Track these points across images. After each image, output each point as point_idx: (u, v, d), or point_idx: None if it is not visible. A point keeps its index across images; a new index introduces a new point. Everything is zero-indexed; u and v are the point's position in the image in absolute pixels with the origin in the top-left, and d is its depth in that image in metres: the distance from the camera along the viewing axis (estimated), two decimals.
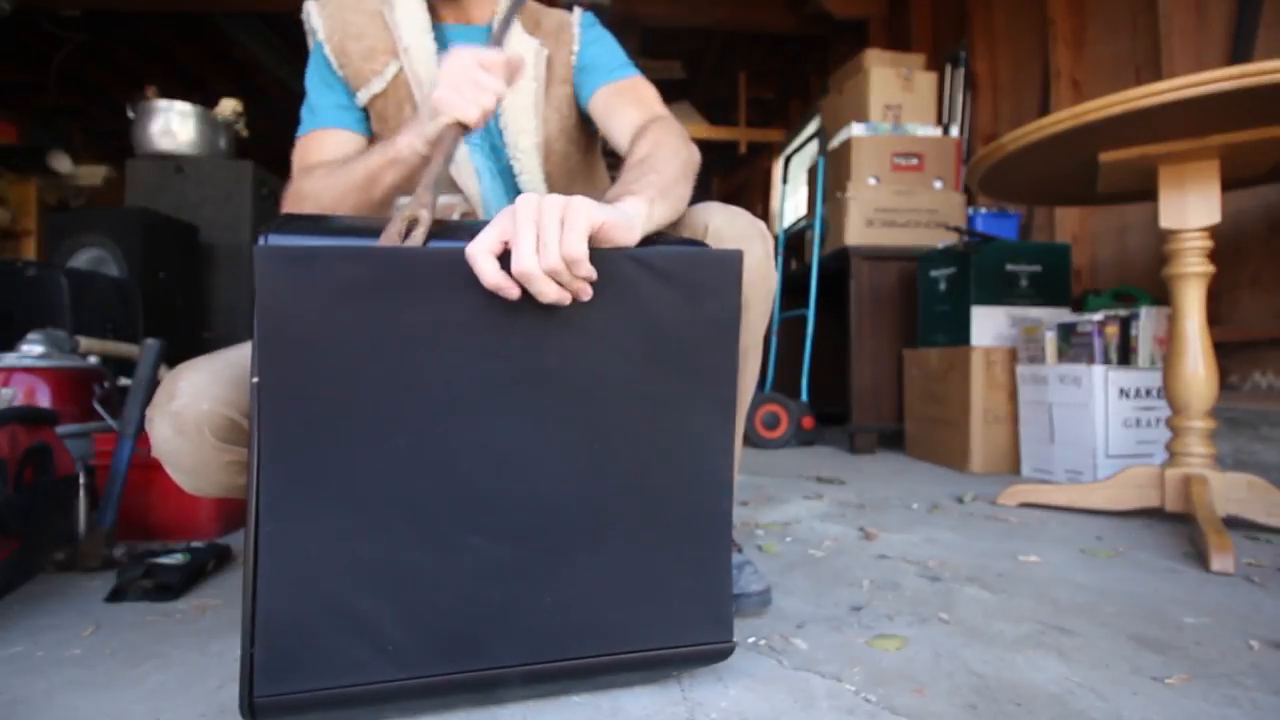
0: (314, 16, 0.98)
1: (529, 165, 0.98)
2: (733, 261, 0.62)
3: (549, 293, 0.58)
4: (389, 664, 0.58)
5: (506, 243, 0.58)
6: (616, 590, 0.64)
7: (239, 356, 0.75)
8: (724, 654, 0.70)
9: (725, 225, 0.77)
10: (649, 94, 0.99)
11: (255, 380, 0.55)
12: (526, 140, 0.98)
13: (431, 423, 0.58)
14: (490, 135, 0.99)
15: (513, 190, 1.00)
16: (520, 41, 0.98)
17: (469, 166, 0.98)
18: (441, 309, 0.58)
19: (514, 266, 0.57)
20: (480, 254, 0.57)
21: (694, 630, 0.67)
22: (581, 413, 0.62)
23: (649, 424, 0.63)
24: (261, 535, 0.55)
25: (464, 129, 0.74)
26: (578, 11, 1.04)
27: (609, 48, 1.03)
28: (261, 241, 0.55)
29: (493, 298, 0.58)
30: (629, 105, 0.96)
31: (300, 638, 0.56)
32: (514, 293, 0.58)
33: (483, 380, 0.59)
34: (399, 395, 0.58)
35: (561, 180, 1.02)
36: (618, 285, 0.60)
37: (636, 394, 0.62)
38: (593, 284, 0.59)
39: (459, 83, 0.72)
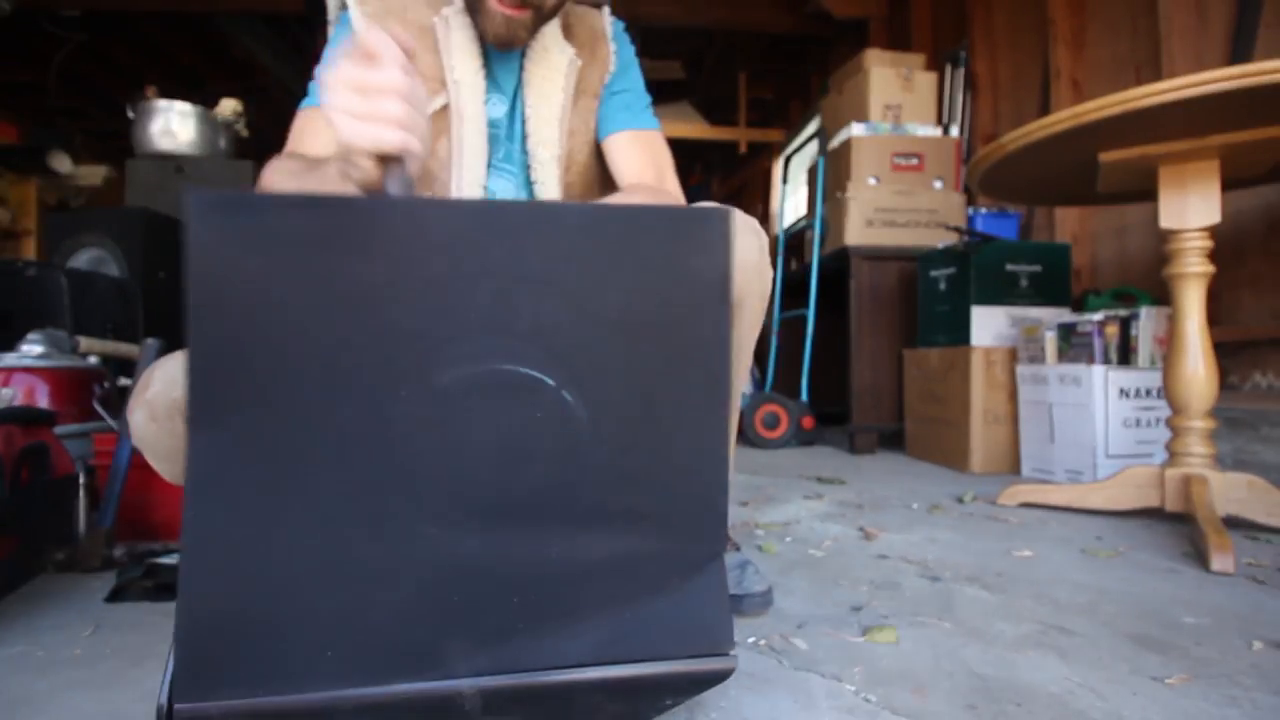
0: (354, 14, 0.92)
1: (547, 176, 0.97)
2: (720, 218, 0.56)
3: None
4: (326, 675, 0.50)
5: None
6: (595, 592, 0.56)
7: None
8: (723, 675, 0.59)
9: None
10: (665, 157, 1.00)
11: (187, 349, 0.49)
12: (546, 152, 0.96)
13: (382, 395, 0.51)
14: (512, 143, 0.98)
15: (526, 196, 1.00)
16: (556, 48, 0.96)
17: (479, 191, 0.96)
18: (398, 266, 0.50)
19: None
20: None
21: (686, 644, 0.58)
22: (556, 386, 0.54)
23: (631, 399, 0.56)
24: (186, 523, 0.48)
25: (395, 159, 0.60)
26: (608, 17, 1.03)
27: (637, 81, 1.03)
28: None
29: (457, 259, 0.51)
30: (647, 165, 0.97)
31: (225, 641, 0.49)
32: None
33: (443, 349, 0.52)
34: (345, 364, 0.50)
35: (579, 189, 1.02)
36: (597, 244, 0.54)
37: (617, 365, 0.55)
38: (570, 242, 0.54)
39: (351, 108, 0.58)
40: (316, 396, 0.50)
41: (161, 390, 0.69)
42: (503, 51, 0.94)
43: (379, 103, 0.57)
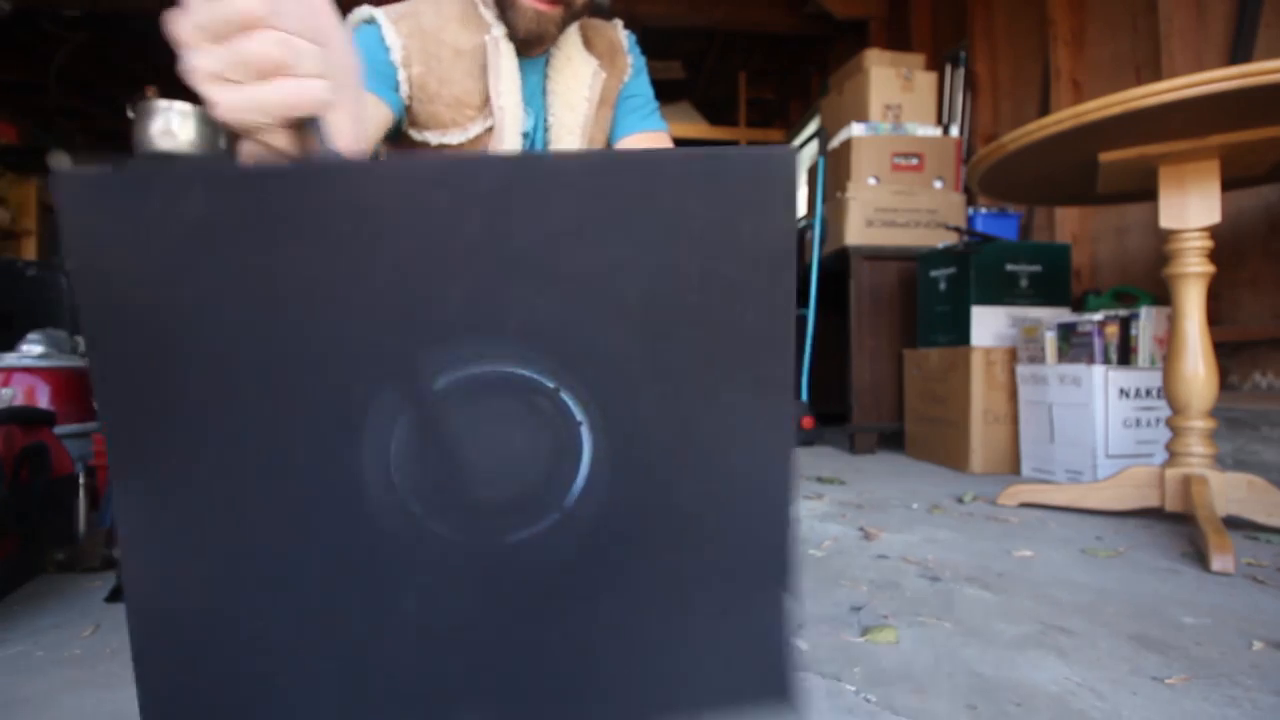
0: (387, 31, 0.90)
1: None
2: (782, 161, 0.41)
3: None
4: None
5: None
6: (623, 645, 0.46)
7: None
8: None
9: None
10: None
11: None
12: None
13: (341, 423, 0.39)
14: (533, 147, 0.99)
15: None
16: (579, 58, 0.98)
17: None
18: (338, 253, 0.38)
19: None
20: None
21: (735, 696, 0.49)
22: (558, 393, 0.43)
23: (670, 410, 0.44)
24: (126, 581, 0.40)
25: (306, 121, 0.42)
26: (621, 30, 1.05)
27: (647, 85, 1.06)
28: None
29: (416, 240, 0.38)
30: None
31: (196, 707, 0.42)
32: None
33: (402, 361, 0.40)
34: (292, 387, 0.39)
35: None
36: (607, 205, 0.40)
37: (641, 369, 0.43)
38: (570, 205, 0.40)
39: (211, 67, 0.40)
40: (262, 429, 0.39)
41: None
42: (531, 50, 0.94)
43: (242, 46, 0.39)
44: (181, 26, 0.40)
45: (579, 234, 0.40)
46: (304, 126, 0.42)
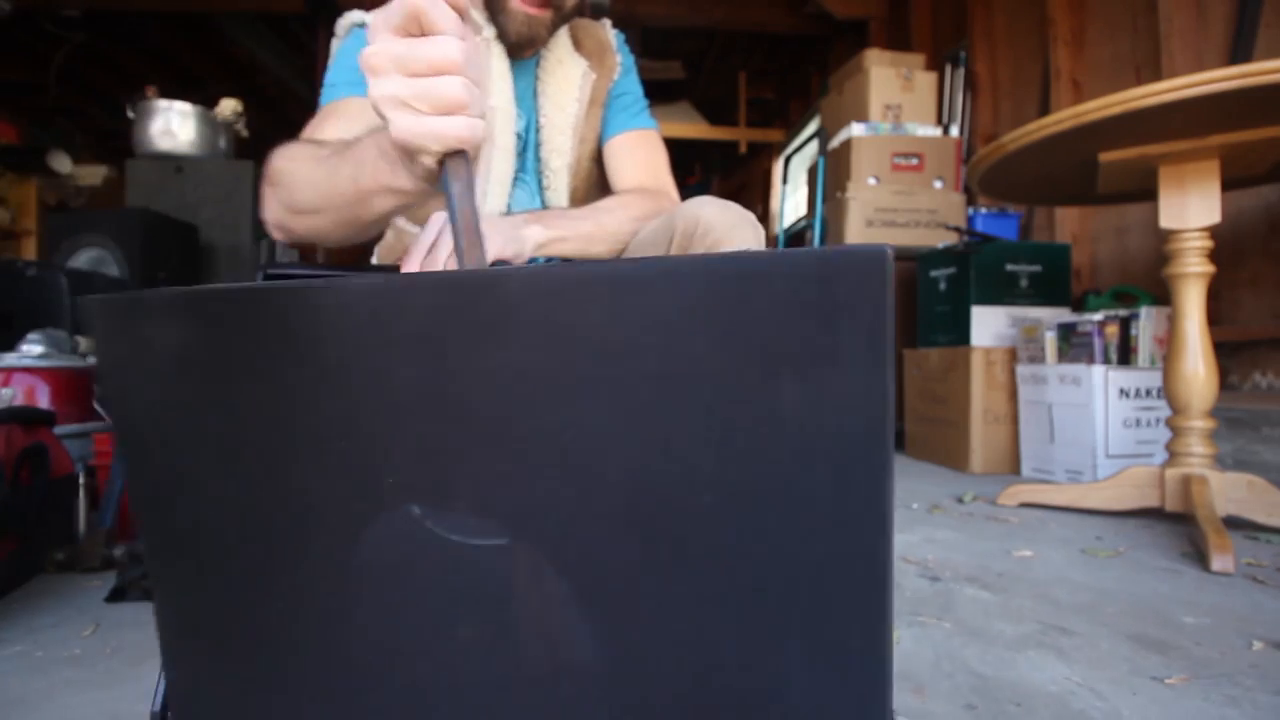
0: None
1: (558, 183, 1.00)
2: (869, 264, 0.28)
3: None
4: None
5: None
6: None
7: None
8: None
9: (716, 216, 0.78)
10: (661, 156, 1.03)
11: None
12: (559, 160, 0.99)
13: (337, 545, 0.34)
14: (527, 152, 1.00)
15: (539, 204, 1.01)
16: (570, 59, 0.98)
17: (504, 190, 0.97)
18: (318, 373, 0.33)
19: None
20: None
21: None
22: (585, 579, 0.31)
23: (685, 658, 0.30)
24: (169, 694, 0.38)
25: (458, 152, 0.47)
26: (610, 29, 1.05)
27: (636, 84, 1.06)
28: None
29: (390, 364, 0.32)
30: (643, 166, 1.01)
31: None
32: None
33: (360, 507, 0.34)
34: (287, 506, 0.36)
35: (583, 193, 1.04)
36: (578, 346, 0.30)
37: (652, 591, 0.31)
38: (533, 344, 0.31)
39: (402, 93, 0.45)
40: (273, 548, 0.36)
41: None
42: (521, 53, 0.94)
43: (436, 84, 0.44)
44: (376, 56, 0.44)
45: (534, 382, 0.29)
46: (457, 155, 0.47)
